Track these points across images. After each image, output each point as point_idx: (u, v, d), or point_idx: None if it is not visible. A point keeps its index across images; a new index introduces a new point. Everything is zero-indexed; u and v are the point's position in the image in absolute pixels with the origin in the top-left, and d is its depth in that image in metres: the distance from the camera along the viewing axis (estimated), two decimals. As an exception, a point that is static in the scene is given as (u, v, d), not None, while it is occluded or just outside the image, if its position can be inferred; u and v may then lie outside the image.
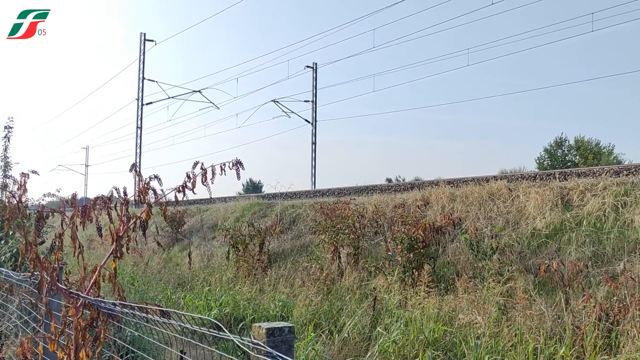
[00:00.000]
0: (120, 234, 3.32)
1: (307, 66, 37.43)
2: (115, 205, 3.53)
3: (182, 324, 2.18)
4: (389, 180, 42.66)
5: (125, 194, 3.55)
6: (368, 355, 7.33)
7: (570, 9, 62.04)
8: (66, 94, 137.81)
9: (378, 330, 7.87)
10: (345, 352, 7.82)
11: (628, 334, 6.24)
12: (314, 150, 36.96)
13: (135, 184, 3.56)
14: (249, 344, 1.83)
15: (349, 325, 8.36)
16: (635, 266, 7.86)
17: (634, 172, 11.96)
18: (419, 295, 8.65)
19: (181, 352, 2.72)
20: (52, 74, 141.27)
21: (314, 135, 37.26)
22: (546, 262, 8.49)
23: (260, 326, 1.87)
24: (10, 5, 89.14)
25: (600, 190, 9.92)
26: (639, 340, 6.05)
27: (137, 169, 3.48)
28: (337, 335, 8.24)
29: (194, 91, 35.66)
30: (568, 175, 13.23)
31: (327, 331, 8.53)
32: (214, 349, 2.19)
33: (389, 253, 10.56)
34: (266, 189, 30.56)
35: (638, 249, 8.37)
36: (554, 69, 70.52)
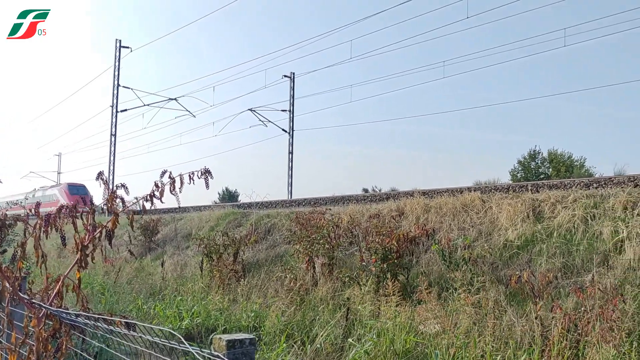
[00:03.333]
0: (86, 244, 3.28)
1: (285, 75, 37.52)
2: (82, 214, 3.48)
3: (142, 336, 2.15)
4: (366, 191, 42.74)
5: (91, 202, 3.49)
6: (339, 366, 7.31)
7: (543, 23, 63.08)
8: (39, 101, 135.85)
9: (350, 341, 7.85)
10: (317, 362, 7.79)
11: (594, 344, 6.31)
12: (291, 160, 36.98)
13: (102, 192, 3.50)
14: (208, 356, 1.80)
15: (322, 335, 8.33)
16: (603, 277, 7.97)
17: (604, 185, 12.17)
18: (391, 306, 8.65)
19: (146, 364, 2.68)
20: (23, 80, 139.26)
21: (291, 144, 37.29)
22: (517, 273, 8.57)
23: (220, 338, 1.85)
24: (10, 5, 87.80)
25: (570, 203, 10.06)
26: (603, 351, 6.13)
27: (104, 177, 3.44)
28: (309, 345, 8.20)
29: (170, 99, 35.47)
30: (540, 187, 13.41)
31: (299, 342, 8.48)
32: (175, 361, 2.16)
33: (363, 263, 10.56)
34: (242, 198, 30.46)
35: (606, 260, 8.49)
36: (527, 82, 71.58)
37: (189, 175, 3.56)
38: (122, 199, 3.59)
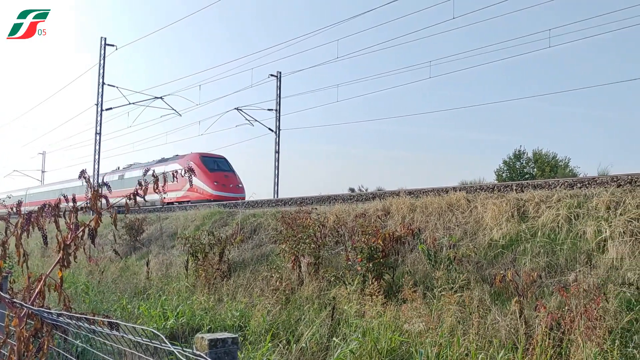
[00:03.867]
0: (68, 242, 3.25)
1: (271, 75, 37.42)
2: (64, 213, 3.45)
3: (126, 335, 2.13)
4: (352, 190, 42.76)
5: (74, 201, 3.47)
6: (325, 365, 7.31)
7: (528, 24, 63.60)
8: (23, 98, 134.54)
9: (335, 340, 7.86)
10: (302, 362, 7.79)
11: (577, 343, 6.37)
12: (277, 159, 36.89)
13: (85, 191, 3.48)
14: (190, 355, 1.79)
15: (307, 335, 8.33)
16: (586, 276, 8.05)
17: (587, 185, 12.27)
18: (377, 305, 8.67)
19: (130, 363, 2.66)
20: (6, 78, 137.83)
21: (277, 144, 37.20)
22: (502, 272, 8.62)
23: (202, 337, 1.84)
24: (10, 5, 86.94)
25: (554, 202, 10.14)
26: (587, 349, 6.19)
27: (86, 176, 3.41)
28: (294, 345, 8.19)
29: (155, 97, 35.24)
30: (525, 187, 13.49)
31: (284, 341, 8.48)
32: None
33: (349, 262, 10.57)
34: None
35: (589, 259, 8.57)
36: (512, 82, 72.14)
37: (173, 174, 3.55)
38: (106, 198, 3.57)
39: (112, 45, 35.44)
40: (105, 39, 35.46)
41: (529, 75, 75.76)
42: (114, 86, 35.66)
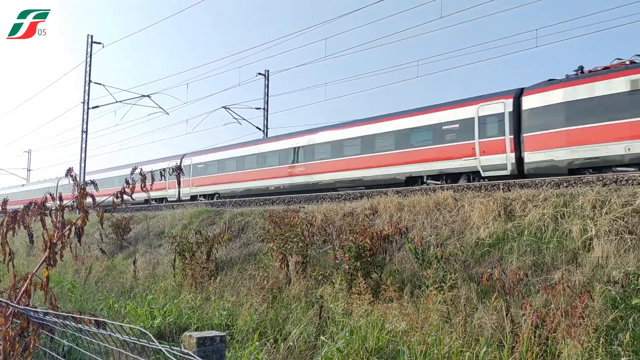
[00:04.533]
0: (54, 241, 3.22)
1: (259, 73, 37.41)
2: (51, 212, 3.42)
3: (113, 334, 2.12)
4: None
5: (60, 199, 3.45)
6: (312, 363, 7.32)
7: (515, 24, 64.01)
8: (7, 97, 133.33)
9: (323, 339, 7.87)
10: (290, 360, 7.79)
11: (563, 340, 6.42)
12: (265, 158, 36.73)
13: (72, 189, 3.45)
14: (178, 353, 1.79)
15: (295, 333, 8.33)
16: (572, 275, 8.12)
17: (573, 184, 12.39)
18: (364, 304, 8.69)
19: (117, 363, 2.64)
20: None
21: (265, 143, 37.07)
22: (489, 270, 8.67)
23: (190, 335, 1.84)
24: (10, 5, 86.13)
25: (541, 201, 10.22)
26: (571, 347, 6.24)
27: (73, 174, 3.39)
28: (282, 343, 8.19)
29: (142, 96, 35.07)
30: (511, 186, 13.60)
31: (272, 339, 8.47)
32: (144, 359, 2.14)
33: (337, 261, 10.58)
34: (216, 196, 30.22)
35: (575, 258, 8.65)
36: (499, 81, 72.51)
37: (160, 172, 3.54)
38: (93, 196, 3.55)
39: (99, 43, 35.24)
40: (91, 36, 35.24)
41: (516, 74, 76.21)
42: (100, 84, 35.43)
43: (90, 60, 35.03)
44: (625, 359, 6.12)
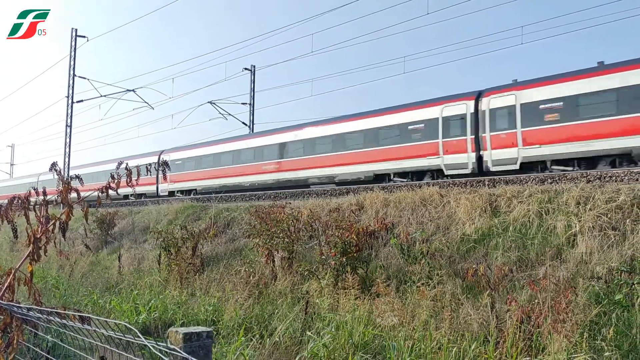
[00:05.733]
0: (38, 236, 3.19)
1: (245, 68, 37.20)
2: (34, 206, 3.38)
3: (97, 330, 2.10)
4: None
5: (44, 194, 3.40)
6: (298, 359, 7.31)
7: (501, 20, 64.31)
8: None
9: (309, 334, 7.87)
10: (276, 356, 7.79)
11: (547, 335, 6.48)
12: (252, 153, 36.62)
13: (56, 184, 3.41)
14: (164, 349, 1.77)
15: (281, 329, 8.32)
16: (556, 270, 8.18)
17: (558, 181, 12.48)
18: (350, 299, 8.70)
19: (101, 358, 2.62)
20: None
21: (252, 138, 36.97)
22: (474, 266, 8.73)
23: (177, 331, 1.82)
24: (10, 5, 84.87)
25: (526, 198, 10.28)
26: (555, 342, 6.29)
27: (57, 168, 3.35)
28: (268, 339, 8.18)
29: (127, 90, 34.74)
30: (497, 183, 13.67)
31: (258, 335, 8.46)
32: (130, 355, 2.12)
33: (323, 257, 10.58)
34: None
35: (559, 254, 8.72)
36: (485, 78, 72.87)
37: (146, 167, 3.51)
38: (77, 191, 3.50)
39: (83, 37, 34.80)
40: (76, 30, 34.78)
41: (503, 71, 76.61)
42: (85, 78, 35.05)
43: (75, 54, 34.66)
44: (608, 354, 6.19)
